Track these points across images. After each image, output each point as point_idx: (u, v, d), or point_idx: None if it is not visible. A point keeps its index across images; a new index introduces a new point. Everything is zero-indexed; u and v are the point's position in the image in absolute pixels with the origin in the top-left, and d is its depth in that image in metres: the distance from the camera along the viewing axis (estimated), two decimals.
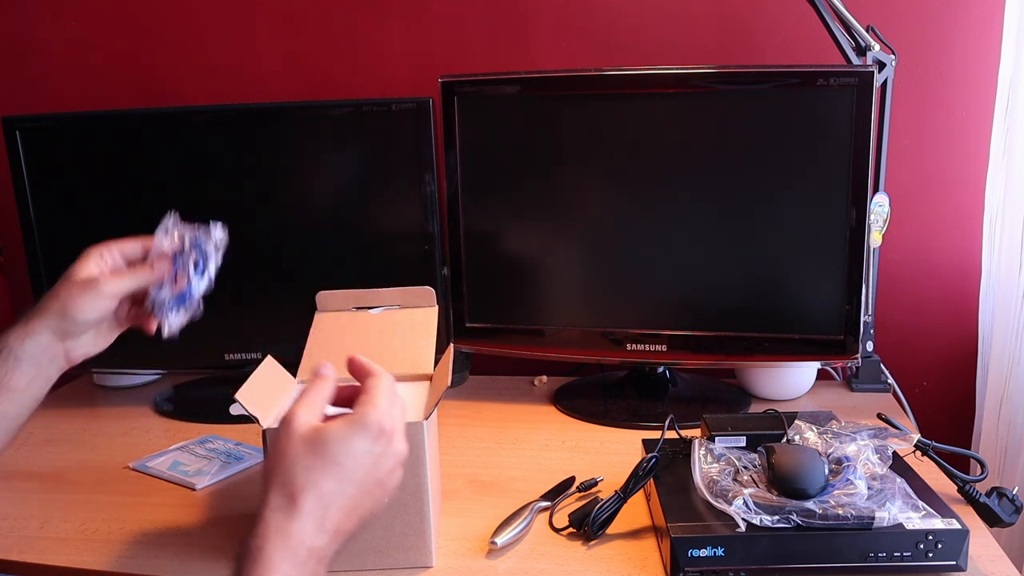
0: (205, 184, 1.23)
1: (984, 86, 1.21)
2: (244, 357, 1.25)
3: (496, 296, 1.21)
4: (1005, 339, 1.13)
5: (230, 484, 1.00)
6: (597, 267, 1.17)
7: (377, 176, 1.21)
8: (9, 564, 0.85)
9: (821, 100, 1.05)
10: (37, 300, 1.24)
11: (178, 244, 0.83)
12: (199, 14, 1.41)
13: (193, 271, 0.83)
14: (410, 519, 0.78)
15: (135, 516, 0.93)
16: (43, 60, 1.47)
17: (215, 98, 1.41)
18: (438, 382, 0.81)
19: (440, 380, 0.80)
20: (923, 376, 1.31)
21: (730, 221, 1.11)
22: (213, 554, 0.84)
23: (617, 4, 1.29)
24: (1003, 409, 1.14)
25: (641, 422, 1.13)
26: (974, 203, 1.23)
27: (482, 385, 1.31)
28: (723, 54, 1.27)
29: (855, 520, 0.73)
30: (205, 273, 0.84)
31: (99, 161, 1.22)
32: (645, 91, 1.10)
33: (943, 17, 1.22)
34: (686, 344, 1.15)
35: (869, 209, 1.07)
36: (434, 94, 1.17)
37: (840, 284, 1.08)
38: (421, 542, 0.78)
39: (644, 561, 0.79)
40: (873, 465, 0.80)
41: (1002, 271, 1.14)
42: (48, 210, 1.23)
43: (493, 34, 1.34)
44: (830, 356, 1.11)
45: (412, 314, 0.92)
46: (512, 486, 0.96)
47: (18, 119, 1.21)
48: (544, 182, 1.16)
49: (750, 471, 0.82)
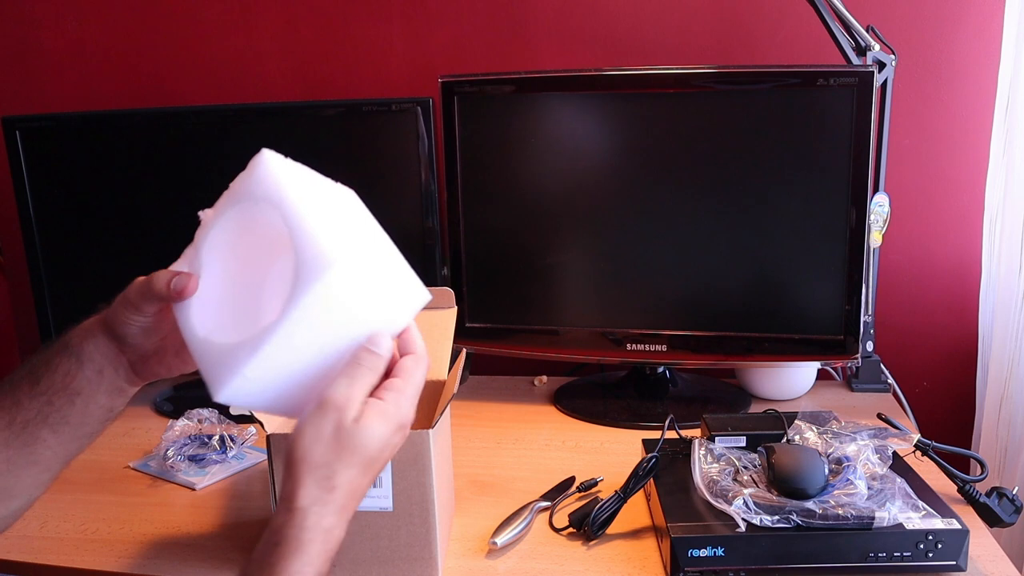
0: (205, 184, 1.22)
1: (984, 86, 1.21)
2: None
3: (496, 296, 1.21)
4: (1005, 339, 1.13)
5: (230, 484, 1.00)
6: (597, 267, 1.17)
7: (377, 176, 1.21)
8: (9, 564, 0.85)
9: (821, 100, 1.05)
10: (37, 300, 1.26)
11: None
12: (199, 14, 1.41)
13: None
14: (416, 529, 0.76)
15: (135, 516, 0.93)
16: (43, 60, 1.47)
17: (215, 98, 1.41)
18: (446, 388, 0.81)
19: (448, 386, 0.80)
20: (923, 376, 1.31)
21: (730, 221, 1.11)
22: (213, 554, 0.84)
23: (617, 4, 1.29)
24: (1003, 409, 1.14)
25: (641, 422, 1.13)
26: (974, 203, 1.23)
27: (482, 385, 1.31)
28: (723, 54, 1.27)
29: (855, 520, 0.73)
30: None
31: (99, 161, 1.22)
32: (645, 91, 1.10)
33: (943, 17, 1.22)
34: (686, 344, 1.15)
35: (869, 209, 1.07)
36: (434, 94, 1.17)
37: (840, 284, 1.08)
38: (427, 552, 0.77)
39: (644, 561, 0.79)
40: (873, 465, 0.80)
41: (1002, 271, 1.14)
42: (48, 210, 1.23)
43: (492, 34, 1.34)
44: (830, 356, 1.11)
45: (431, 316, 0.87)
46: (512, 486, 0.96)
47: (18, 119, 1.21)
48: (544, 182, 1.16)
49: (750, 471, 0.82)
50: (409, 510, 0.76)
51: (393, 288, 0.61)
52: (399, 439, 0.60)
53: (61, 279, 1.26)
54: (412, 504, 0.75)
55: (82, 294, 1.26)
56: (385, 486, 0.75)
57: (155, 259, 1.37)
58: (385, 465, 0.61)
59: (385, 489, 0.75)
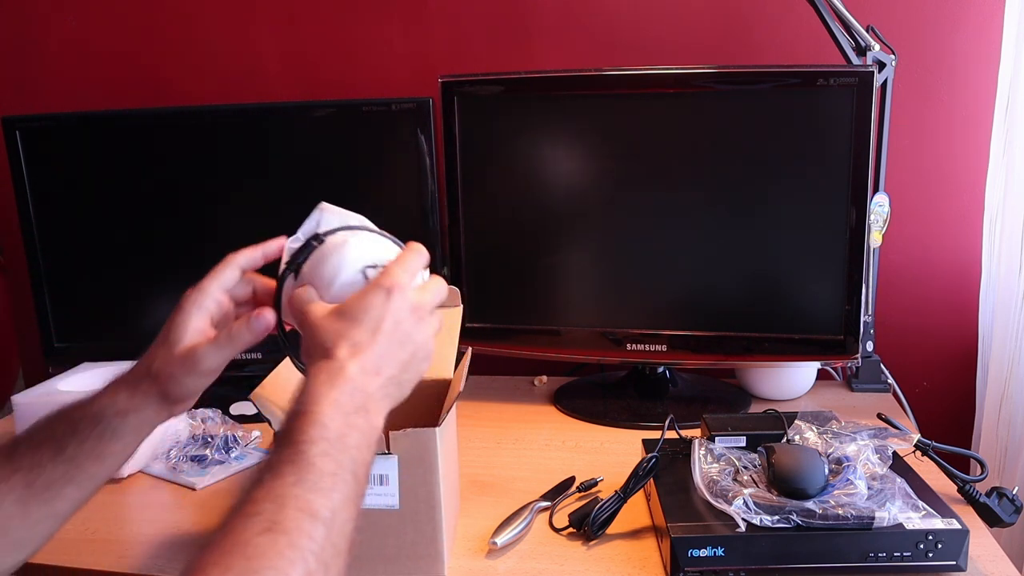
0: (205, 184, 1.23)
1: (984, 86, 1.21)
2: (244, 357, 1.24)
3: (496, 296, 1.20)
4: (1005, 339, 1.13)
5: (230, 484, 1.00)
6: (597, 267, 1.17)
7: (377, 176, 1.21)
8: None
9: (821, 100, 1.05)
10: (37, 300, 1.26)
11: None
12: (199, 14, 1.41)
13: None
14: (422, 527, 0.76)
15: (135, 516, 0.93)
16: (43, 60, 1.47)
17: (215, 98, 1.41)
18: (452, 387, 0.81)
19: (454, 385, 0.80)
20: (923, 376, 1.31)
21: (730, 221, 1.11)
22: None
23: (617, 4, 1.29)
24: (1003, 409, 1.14)
25: (641, 422, 1.13)
26: (974, 203, 1.23)
27: (482, 385, 1.31)
28: (723, 54, 1.27)
29: (855, 520, 0.73)
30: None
31: (99, 161, 1.22)
32: (645, 91, 1.10)
33: (943, 17, 1.22)
34: (686, 344, 1.15)
35: (869, 209, 1.07)
36: (434, 94, 1.17)
37: (840, 284, 1.08)
38: (433, 550, 0.77)
39: (644, 561, 0.79)
40: (873, 465, 0.80)
41: (1002, 271, 1.14)
42: (48, 210, 1.23)
43: (493, 34, 1.34)
44: (830, 356, 1.11)
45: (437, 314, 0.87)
46: (512, 486, 0.96)
47: (18, 119, 1.21)
48: (544, 182, 1.16)
49: (750, 471, 0.82)
50: (415, 508, 0.76)
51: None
52: (397, 303, 0.62)
53: (61, 279, 1.26)
54: (418, 502, 0.75)
55: (82, 294, 1.26)
56: (391, 484, 0.75)
57: (155, 259, 1.38)
58: (416, 334, 0.63)
59: (391, 487, 0.75)
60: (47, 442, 0.64)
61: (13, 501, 0.62)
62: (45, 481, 0.63)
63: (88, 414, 0.66)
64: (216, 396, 1.20)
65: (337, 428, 0.55)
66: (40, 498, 0.63)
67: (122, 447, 0.66)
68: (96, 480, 0.66)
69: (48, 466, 0.63)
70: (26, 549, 0.64)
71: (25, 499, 0.62)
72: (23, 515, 0.62)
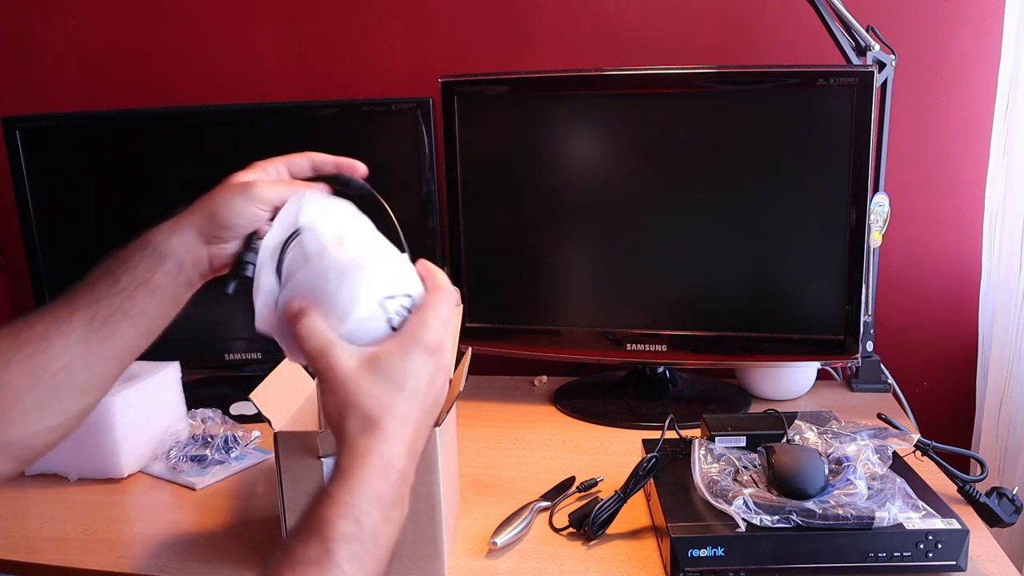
0: (205, 184, 1.22)
1: (984, 86, 1.21)
2: (244, 357, 1.25)
3: (496, 296, 1.20)
4: (1005, 339, 1.13)
5: (230, 484, 1.00)
6: (597, 267, 1.17)
7: (377, 176, 1.21)
8: (9, 564, 0.85)
9: (821, 100, 1.05)
10: (37, 300, 1.26)
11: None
12: (199, 14, 1.41)
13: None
14: (422, 527, 0.76)
15: (135, 516, 0.93)
16: (43, 60, 1.47)
17: (215, 98, 1.41)
18: (452, 387, 0.81)
19: (454, 385, 0.80)
20: (923, 376, 1.31)
21: (730, 221, 1.11)
22: (213, 554, 0.84)
23: (617, 4, 1.29)
24: (1003, 409, 1.14)
25: (641, 422, 1.13)
26: (974, 203, 1.23)
27: (482, 385, 1.31)
28: (723, 54, 1.27)
29: (855, 520, 0.73)
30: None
31: (99, 161, 1.22)
32: (645, 91, 1.10)
33: (943, 17, 1.22)
34: (686, 344, 1.15)
35: (869, 209, 1.07)
36: (434, 94, 1.17)
37: (840, 284, 1.08)
38: (433, 550, 0.77)
39: (644, 561, 0.79)
40: (873, 465, 0.80)
41: (1002, 271, 1.14)
42: (48, 210, 1.23)
43: (493, 34, 1.34)
44: (830, 356, 1.11)
45: None
46: (512, 486, 0.96)
47: (18, 119, 1.21)
48: (544, 182, 1.16)
49: (750, 471, 0.82)
50: (415, 508, 0.75)
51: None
52: (435, 363, 0.59)
53: (61, 279, 1.26)
54: (419, 501, 0.75)
55: None
56: None
57: None
58: (441, 393, 0.60)
59: None
60: (103, 277, 0.65)
61: (76, 340, 0.63)
62: (104, 315, 0.63)
63: (136, 244, 0.67)
64: (216, 396, 1.21)
65: (373, 526, 0.52)
66: (100, 334, 0.63)
67: (168, 280, 0.66)
68: (147, 319, 0.65)
69: (105, 300, 0.64)
70: (90, 394, 0.65)
71: (87, 337, 0.63)
72: (86, 354, 0.63)
